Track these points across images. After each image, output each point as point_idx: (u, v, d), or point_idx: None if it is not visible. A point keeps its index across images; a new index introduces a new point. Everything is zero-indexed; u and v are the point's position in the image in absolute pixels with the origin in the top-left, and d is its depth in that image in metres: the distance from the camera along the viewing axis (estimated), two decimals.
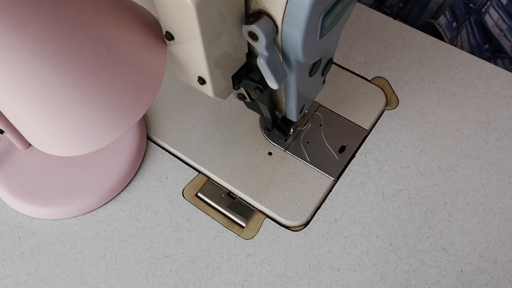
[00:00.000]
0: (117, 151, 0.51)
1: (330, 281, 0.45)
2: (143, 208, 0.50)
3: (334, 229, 0.48)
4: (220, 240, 0.48)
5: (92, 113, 0.33)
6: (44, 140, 0.36)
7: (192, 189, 0.51)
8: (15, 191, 0.50)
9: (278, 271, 0.46)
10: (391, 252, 0.46)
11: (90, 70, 0.31)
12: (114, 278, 0.46)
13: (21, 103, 0.32)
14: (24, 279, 0.46)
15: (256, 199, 0.50)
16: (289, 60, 0.37)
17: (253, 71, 0.40)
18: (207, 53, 0.34)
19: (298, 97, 0.43)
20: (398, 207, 0.49)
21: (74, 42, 0.30)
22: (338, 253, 0.46)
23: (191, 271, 0.46)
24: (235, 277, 0.46)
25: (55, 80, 0.30)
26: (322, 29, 0.34)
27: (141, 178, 0.52)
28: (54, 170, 0.51)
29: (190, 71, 0.37)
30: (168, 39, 0.35)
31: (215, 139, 0.54)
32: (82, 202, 0.49)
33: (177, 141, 0.54)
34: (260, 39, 0.33)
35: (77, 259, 0.47)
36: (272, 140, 0.54)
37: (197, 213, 0.49)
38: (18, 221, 0.49)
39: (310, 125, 0.55)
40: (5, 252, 0.48)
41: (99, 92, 0.33)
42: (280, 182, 0.51)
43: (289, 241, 0.47)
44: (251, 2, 0.33)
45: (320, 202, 0.50)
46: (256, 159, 0.53)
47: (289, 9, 0.31)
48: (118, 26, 0.33)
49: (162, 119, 0.56)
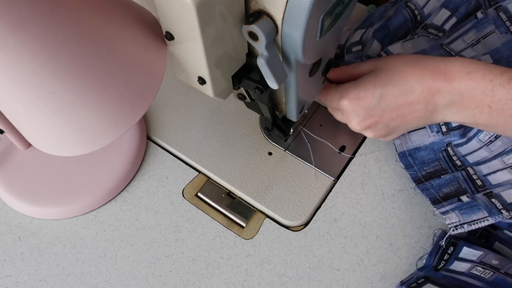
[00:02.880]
0: (117, 151, 0.51)
1: (330, 281, 0.45)
2: (143, 208, 0.50)
3: (334, 229, 0.48)
4: (220, 240, 0.48)
5: (92, 113, 0.33)
6: (44, 140, 0.36)
7: (192, 189, 0.51)
8: (15, 191, 0.50)
9: (278, 271, 0.46)
10: (391, 252, 0.46)
11: (90, 70, 0.31)
12: (114, 278, 0.46)
13: (21, 103, 0.32)
14: (24, 279, 0.46)
15: (256, 199, 0.50)
16: (289, 60, 0.37)
17: (253, 71, 0.40)
18: (207, 53, 0.34)
19: (298, 97, 0.43)
20: (398, 207, 0.49)
21: (74, 42, 0.30)
22: (338, 253, 0.46)
23: (191, 271, 0.46)
24: (235, 277, 0.46)
25: (55, 80, 0.30)
26: (322, 29, 0.34)
27: (141, 178, 0.52)
28: (54, 170, 0.51)
29: (190, 71, 0.37)
30: (168, 39, 0.35)
31: (215, 139, 0.54)
32: (82, 202, 0.49)
33: (177, 141, 0.54)
34: (260, 39, 0.33)
35: (77, 259, 0.47)
36: (272, 140, 0.54)
37: (197, 213, 0.49)
38: (18, 221, 0.49)
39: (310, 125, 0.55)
40: (5, 252, 0.48)
41: (99, 92, 0.33)
42: (280, 182, 0.51)
43: (289, 241, 0.47)
44: (251, 2, 0.33)
45: (320, 202, 0.50)
46: (256, 159, 0.53)
47: (289, 9, 0.31)
48: (118, 27, 0.33)
49: (162, 119, 0.56)
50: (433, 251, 0.45)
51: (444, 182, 0.48)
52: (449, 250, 0.44)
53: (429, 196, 0.48)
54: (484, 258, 0.43)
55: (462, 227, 0.43)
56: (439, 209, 0.46)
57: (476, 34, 0.54)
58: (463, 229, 0.43)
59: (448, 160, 0.49)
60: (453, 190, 0.47)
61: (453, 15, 0.56)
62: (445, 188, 0.47)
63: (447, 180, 0.48)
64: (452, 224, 0.44)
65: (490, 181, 0.46)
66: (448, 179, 0.48)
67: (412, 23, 0.57)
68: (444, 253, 0.44)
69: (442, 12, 0.56)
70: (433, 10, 0.57)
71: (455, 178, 0.48)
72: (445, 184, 0.47)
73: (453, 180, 0.47)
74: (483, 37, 0.54)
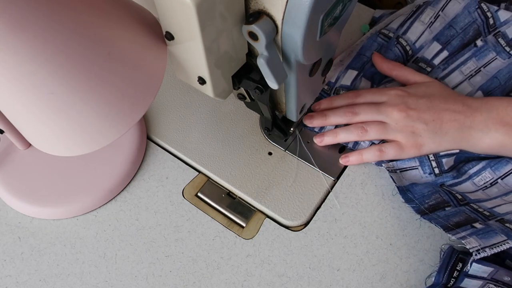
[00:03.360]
0: (117, 151, 0.51)
1: (330, 281, 0.45)
2: (143, 208, 0.50)
3: (334, 229, 0.48)
4: (220, 240, 0.48)
5: (92, 113, 0.33)
6: (44, 140, 0.36)
7: (192, 189, 0.51)
8: (15, 191, 0.50)
9: (278, 271, 0.46)
10: (391, 252, 0.46)
11: (90, 70, 0.31)
12: (114, 278, 0.46)
13: (21, 103, 0.32)
14: (24, 279, 0.46)
15: (256, 199, 0.50)
16: (289, 60, 0.37)
17: (253, 71, 0.40)
18: (207, 53, 0.34)
19: (298, 97, 0.43)
20: (398, 207, 0.49)
21: (74, 42, 0.30)
22: (338, 253, 0.46)
23: (191, 271, 0.46)
24: (235, 277, 0.46)
25: (56, 80, 0.30)
26: (322, 29, 0.34)
27: (141, 178, 0.52)
28: (54, 170, 0.51)
29: (190, 71, 0.37)
30: (168, 39, 0.35)
31: (215, 139, 0.54)
32: (82, 202, 0.49)
33: (177, 141, 0.54)
34: (260, 39, 0.33)
35: (77, 259, 0.47)
36: (272, 140, 0.54)
37: (197, 213, 0.49)
38: (18, 221, 0.49)
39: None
40: (5, 252, 0.48)
41: (99, 92, 0.33)
42: (280, 182, 0.51)
43: (289, 241, 0.47)
44: (251, 2, 0.33)
45: (320, 202, 0.50)
46: (256, 159, 0.53)
47: (289, 9, 0.31)
48: (118, 26, 0.33)
49: (162, 119, 0.56)
50: (441, 268, 0.43)
51: (451, 213, 0.45)
52: (458, 266, 0.43)
53: (440, 225, 0.45)
54: (495, 275, 0.42)
55: (485, 251, 0.41)
56: (454, 235, 0.43)
57: (476, 63, 0.53)
58: (485, 253, 0.41)
59: (448, 192, 0.47)
60: (462, 220, 0.45)
61: (444, 48, 0.55)
62: (454, 218, 0.45)
63: (453, 212, 0.45)
64: (473, 249, 0.42)
65: (498, 212, 0.45)
66: (453, 211, 0.46)
67: (403, 58, 0.55)
68: (453, 270, 0.43)
69: (433, 45, 0.55)
70: (425, 43, 0.55)
71: (461, 211, 0.45)
72: (453, 215, 0.45)
73: (459, 212, 0.45)
74: (484, 65, 0.53)
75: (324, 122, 0.51)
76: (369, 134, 0.49)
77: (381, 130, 0.49)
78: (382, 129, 0.49)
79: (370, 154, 0.49)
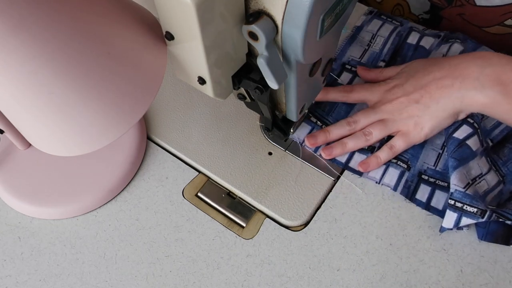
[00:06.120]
0: (117, 151, 0.51)
1: (330, 281, 0.45)
2: (143, 208, 0.50)
3: (334, 229, 0.48)
4: (220, 240, 0.48)
5: (92, 113, 0.33)
6: (44, 140, 0.36)
7: (192, 189, 0.51)
8: (15, 191, 0.50)
9: (278, 271, 0.46)
10: (391, 252, 0.46)
11: (90, 70, 0.31)
12: (114, 278, 0.46)
13: (21, 103, 0.32)
14: (24, 279, 0.46)
15: (256, 199, 0.50)
16: (289, 60, 0.37)
17: (253, 71, 0.40)
18: (207, 53, 0.34)
19: (298, 97, 0.43)
20: (398, 207, 0.49)
21: (74, 42, 0.30)
22: (338, 253, 0.46)
23: (191, 271, 0.46)
24: (235, 277, 0.46)
25: (56, 80, 0.30)
26: (322, 29, 0.34)
27: (141, 178, 0.52)
28: (54, 170, 0.51)
29: (190, 71, 0.37)
30: (168, 39, 0.35)
31: (215, 139, 0.54)
32: (82, 202, 0.49)
33: (177, 141, 0.54)
34: (260, 39, 0.33)
35: (77, 259, 0.47)
36: (272, 140, 0.54)
37: (197, 213, 0.49)
38: (18, 221, 0.49)
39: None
40: (5, 252, 0.48)
41: (99, 92, 0.33)
42: (280, 182, 0.51)
43: (289, 241, 0.47)
44: (251, 2, 0.33)
45: (320, 202, 0.50)
46: (256, 159, 0.53)
47: (289, 9, 0.31)
48: (118, 26, 0.33)
49: (162, 119, 0.56)
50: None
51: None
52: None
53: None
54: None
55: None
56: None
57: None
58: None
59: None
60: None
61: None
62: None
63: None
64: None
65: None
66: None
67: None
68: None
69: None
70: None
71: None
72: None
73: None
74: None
75: (329, 138, 0.52)
76: (374, 135, 0.50)
77: (383, 127, 0.50)
78: (384, 125, 0.50)
79: (384, 153, 0.50)
